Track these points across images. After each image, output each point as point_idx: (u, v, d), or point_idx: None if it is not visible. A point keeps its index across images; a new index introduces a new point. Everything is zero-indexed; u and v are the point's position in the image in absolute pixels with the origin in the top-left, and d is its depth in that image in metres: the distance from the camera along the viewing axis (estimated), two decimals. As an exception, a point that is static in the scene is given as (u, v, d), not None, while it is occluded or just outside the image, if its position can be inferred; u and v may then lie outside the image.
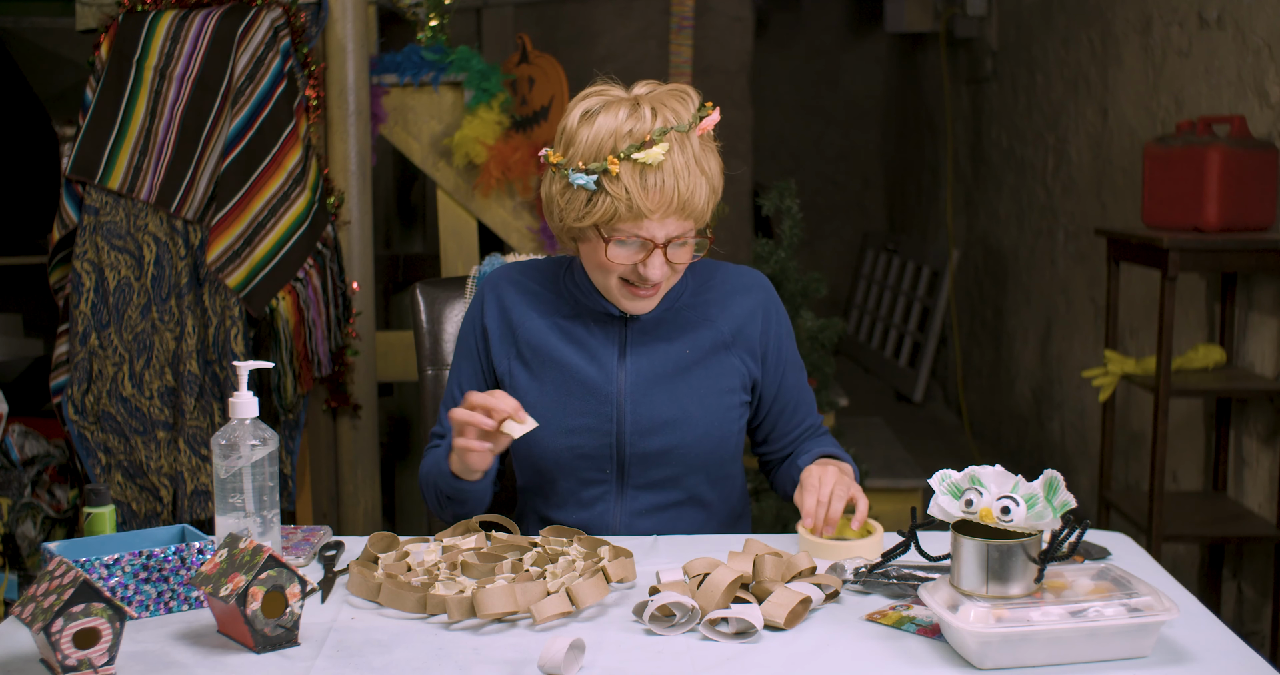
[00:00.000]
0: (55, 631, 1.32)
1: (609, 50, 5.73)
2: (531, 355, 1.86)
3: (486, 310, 1.90)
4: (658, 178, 1.68)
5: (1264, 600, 3.15)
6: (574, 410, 1.82)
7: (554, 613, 1.45)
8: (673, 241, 1.72)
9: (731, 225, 5.64)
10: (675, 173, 1.68)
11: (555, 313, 1.87)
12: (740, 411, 1.87)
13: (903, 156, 7.45)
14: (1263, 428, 3.12)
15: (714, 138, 1.77)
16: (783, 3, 7.87)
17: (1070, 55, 4.52)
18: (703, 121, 1.72)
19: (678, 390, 1.83)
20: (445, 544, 1.70)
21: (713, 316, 1.87)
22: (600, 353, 1.84)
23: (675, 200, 1.69)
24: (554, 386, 1.84)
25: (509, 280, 1.91)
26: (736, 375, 1.86)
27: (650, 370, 1.83)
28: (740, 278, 1.92)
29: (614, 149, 1.68)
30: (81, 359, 2.90)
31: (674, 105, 1.72)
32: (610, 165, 1.67)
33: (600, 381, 1.82)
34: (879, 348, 6.88)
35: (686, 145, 1.70)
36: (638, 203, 1.68)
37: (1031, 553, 1.39)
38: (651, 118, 1.69)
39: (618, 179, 1.68)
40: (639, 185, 1.68)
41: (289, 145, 2.92)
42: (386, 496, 3.95)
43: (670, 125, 1.69)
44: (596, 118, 1.71)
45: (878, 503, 3.96)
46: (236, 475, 1.59)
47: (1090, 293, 4.31)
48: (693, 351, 1.84)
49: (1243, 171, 2.99)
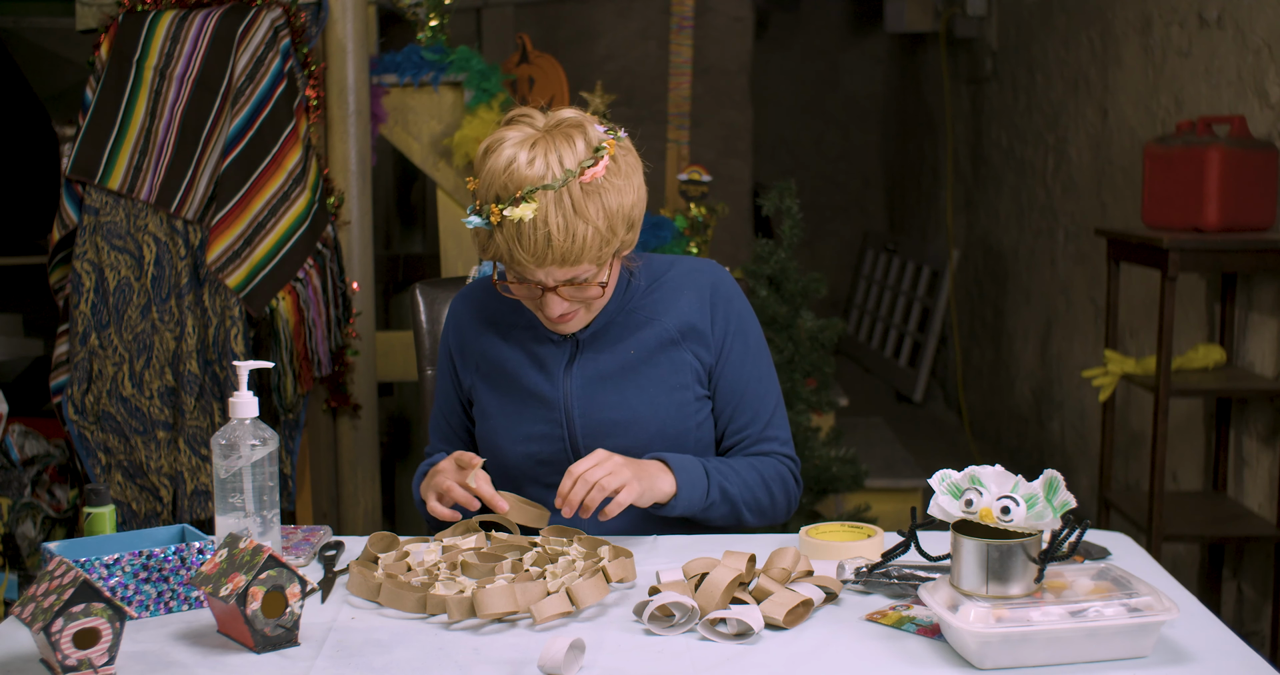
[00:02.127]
0: (55, 631, 1.32)
1: (609, 50, 5.73)
2: (488, 369, 1.90)
3: (449, 331, 1.96)
4: (531, 232, 1.67)
5: (1264, 600, 3.15)
6: (527, 418, 1.86)
7: (554, 613, 1.45)
8: (565, 284, 1.73)
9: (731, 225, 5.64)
10: (549, 227, 1.67)
11: (512, 326, 1.90)
12: (696, 406, 1.86)
13: (903, 156, 7.45)
14: (1263, 428, 3.12)
15: (631, 158, 1.75)
16: (783, 3, 7.86)
17: (1070, 55, 4.52)
18: (585, 172, 1.68)
19: (625, 392, 1.84)
20: (445, 544, 1.70)
21: (659, 314, 1.86)
22: (549, 362, 1.86)
23: (550, 254, 1.68)
24: (508, 397, 1.87)
25: (465, 301, 1.95)
26: (689, 370, 1.85)
27: (595, 374, 1.84)
28: (690, 272, 1.90)
29: (496, 198, 1.69)
30: (81, 359, 2.90)
31: (561, 149, 1.68)
32: (491, 215, 1.69)
33: (548, 389, 1.85)
34: (879, 348, 6.88)
35: (564, 198, 1.67)
36: (515, 254, 1.69)
37: (1031, 553, 1.39)
38: (527, 164, 1.67)
39: (500, 226, 1.69)
40: (514, 238, 1.68)
41: (289, 145, 2.92)
42: (386, 496, 3.95)
43: (542, 178, 1.66)
44: (489, 158, 1.71)
45: (878, 503, 3.96)
46: (236, 475, 1.59)
47: (1090, 293, 4.31)
48: (638, 351, 1.84)
49: (1243, 171, 2.99)
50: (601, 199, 1.69)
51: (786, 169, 7.74)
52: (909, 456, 4.55)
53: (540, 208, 1.66)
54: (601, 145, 1.71)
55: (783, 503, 1.89)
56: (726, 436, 1.91)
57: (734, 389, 1.88)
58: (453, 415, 1.98)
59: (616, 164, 1.72)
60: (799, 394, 3.53)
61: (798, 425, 3.50)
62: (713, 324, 1.87)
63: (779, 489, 1.88)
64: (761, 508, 1.87)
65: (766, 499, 1.87)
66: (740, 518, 1.85)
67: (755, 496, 1.85)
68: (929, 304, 6.33)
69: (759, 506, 1.86)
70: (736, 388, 1.88)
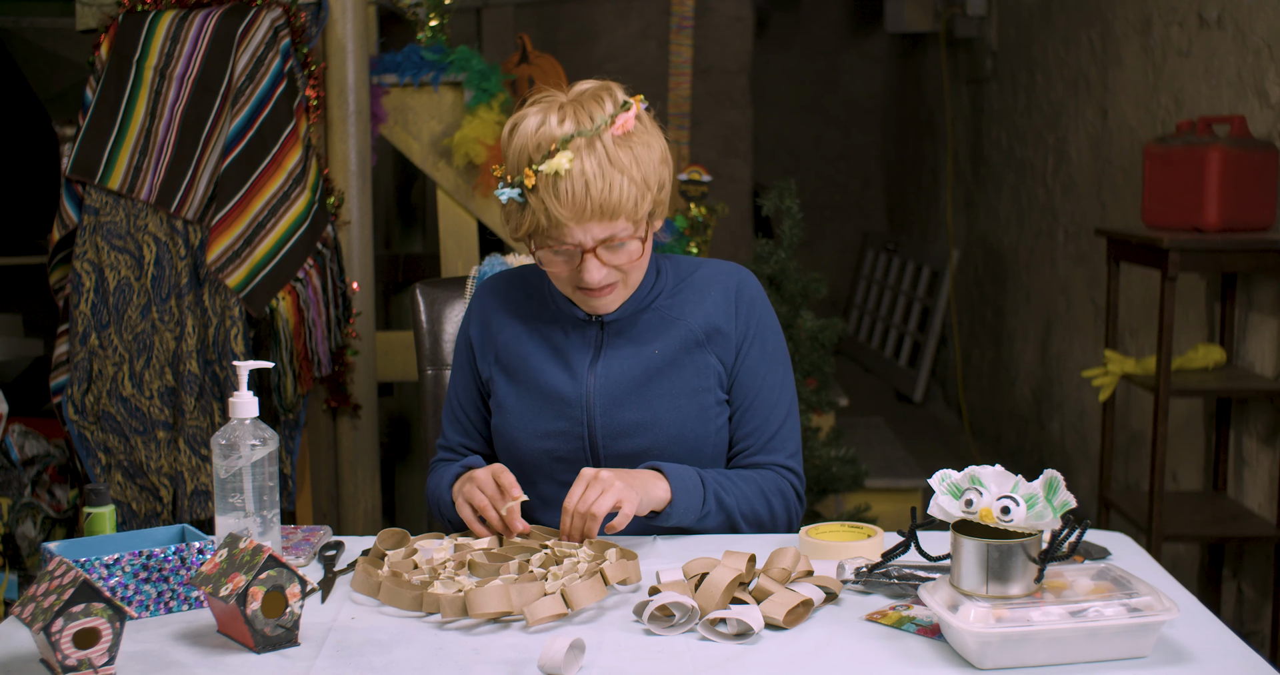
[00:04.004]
0: (55, 631, 1.32)
1: (609, 50, 5.73)
2: (508, 362, 1.89)
3: (472, 321, 1.94)
4: (568, 185, 1.68)
5: (1264, 600, 3.15)
6: (547, 415, 1.84)
7: (547, 614, 1.45)
8: (602, 244, 1.73)
9: (731, 225, 5.64)
10: (585, 177, 1.68)
11: (535, 319, 1.89)
12: (717, 410, 1.85)
13: (903, 156, 7.45)
14: (1263, 428, 3.12)
15: (655, 125, 1.77)
16: (783, 3, 7.87)
17: (1070, 55, 4.52)
18: (616, 121, 1.70)
19: (648, 393, 1.83)
20: (459, 543, 1.70)
21: (685, 315, 1.86)
22: (574, 358, 1.85)
23: (589, 205, 1.69)
24: (528, 392, 1.86)
25: (491, 289, 1.94)
26: (711, 374, 1.84)
27: (620, 374, 1.83)
28: (716, 274, 1.90)
29: (529, 160, 1.71)
30: (81, 359, 2.90)
31: (590, 107, 1.71)
32: (526, 178, 1.70)
33: (570, 387, 1.84)
34: (879, 348, 6.88)
35: (596, 147, 1.69)
36: (553, 212, 1.69)
37: (1031, 553, 1.39)
38: (558, 124, 1.70)
39: (535, 190, 1.70)
40: (552, 194, 1.69)
41: (289, 145, 2.92)
42: (386, 496, 3.95)
43: (575, 131, 1.69)
44: (518, 129, 1.73)
45: (878, 503, 3.96)
46: (236, 475, 1.59)
47: (1090, 293, 4.31)
48: (663, 352, 1.84)
49: (1243, 171, 2.99)
50: (633, 151, 1.72)
51: (786, 169, 7.74)
52: (909, 456, 4.55)
53: (575, 158, 1.68)
54: (628, 101, 1.74)
55: (783, 517, 1.87)
56: (733, 443, 1.90)
57: (744, 393, 1.87)
58: (470, 407, 1.95)
59: (642, 122, 1.75)
60: (799, 394, 3.54)
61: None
62: (735, 325, 1.86)
63: (779, 502, 1.86)
64: (760, 521, 1.85)
65: (765, 512, 1.85)
66: (737, 529, 1.84)
67: (753, 509, 1.84)
68: (929, 304, 6.33)
69: (757, 519, 1.85)
70: (747, 393, 1.87)
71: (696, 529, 1.82)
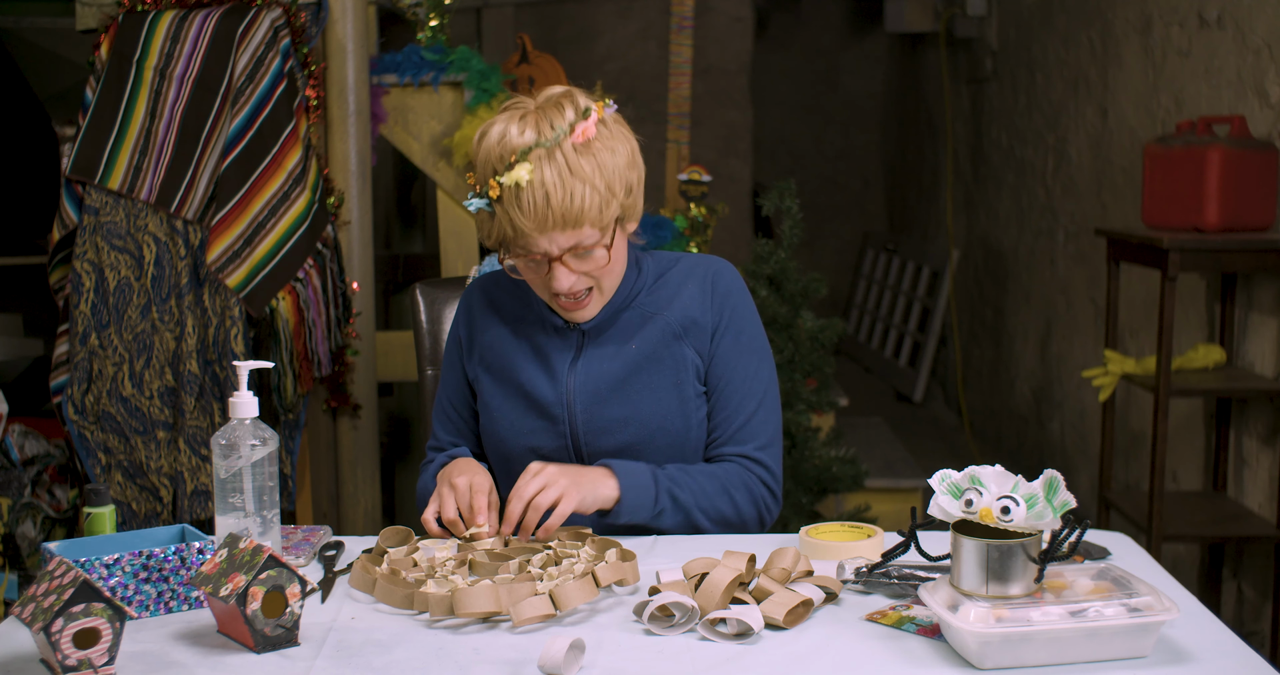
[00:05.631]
0: (55, 631, 1.32)
1: (609, 50, 5.73)
2: (492, 362, 1.90)
3: (459, 321, 1.96)
4: (529, 195, 1.68)
5: (1264, 600, 3.15)
6: (530, 415, 1.86)
7: (533, 615, 1.45)
8: (569, 252, 1.73)
9: (731, 225, 5.64)
10: (546, 188, 1.68)
11: (520, 320, 1.90)
12: (697, 403, 1.86)
13: (903, 156, 7.45)
14: (1263, 428, 3.12)
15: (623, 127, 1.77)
16: (783, 3, 7.87)
17: (1070, 55, 4.52)
18: (575, 129, 1.70)
19: (628, 388, 1.83)
20: (461, 543, 1.70)
21: (663, 309, 1.86)
22: (554, 359, 1.86)
23: (550, 216, 1.69)
24: (511, 392, 1.87)
25: (480, 290, 1.96)
26: (689, 366, 1.85)
27: (600, 372, 1.84)
28: (695, 266, 1.90)
29: (494, 171, 1.71)
30: (81, 359, 2.90)
31: (551, 115, 1.71)
32: (490, 190, 1.71)
33: (550, 386, 1.85)
34: (879, 348, 6.88)
35: (556, 157, 1.69)
36: (517, 222, 1.70)
37: (1031, 553, 1.39)
38: (519, 135, 1.70)
39: (500, 201, 1.71)
40: (515, 205, 1.69)
41: (289, 145, 2.92)
42: (386, 496, 3.95)
43: (535, 141, 1.69)
44: (484, 140, 1.74)
45: (878, 503, 3.96)
46: (236, 475, 1.59)
47: (1090, 293, 4.31)
48: (641, 346, 1.84)
49: (1243, 171, 2.99)
50: (595, 158, 1.71)
51: (786, 169, 7.74)
52: (909, 456, 4.55)
53: (535, 169, 1.68)
54: (589, 108, 1.73)
55: (751, 512, 1.85)
56: (711, 429, 1.88)
57: (715, 383, 1.87)
58: (461, 406, 1.96)
59: (606, 127, 1.74)
60: (799, 394, 3.53)
61: (798, 425, 3.50)
62: (710, 316, 1.86)
63: (743, 497, 1.84)
64: (724, 517, 1.83)
65: (729, 509, 1.83)
66: (697, 526, 1.82)
67: (713, 504, 1.82)
68: (929, 304, 6.33)
69: (720, 516, 1.83)
70: (718, 382, 1.86)
71: (657, 528, 1.81)
